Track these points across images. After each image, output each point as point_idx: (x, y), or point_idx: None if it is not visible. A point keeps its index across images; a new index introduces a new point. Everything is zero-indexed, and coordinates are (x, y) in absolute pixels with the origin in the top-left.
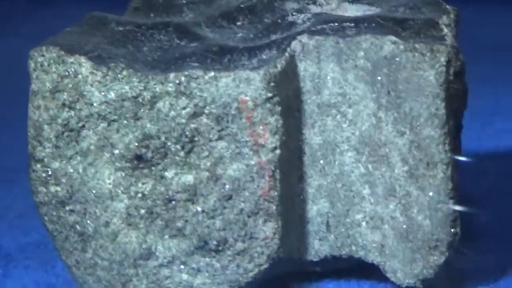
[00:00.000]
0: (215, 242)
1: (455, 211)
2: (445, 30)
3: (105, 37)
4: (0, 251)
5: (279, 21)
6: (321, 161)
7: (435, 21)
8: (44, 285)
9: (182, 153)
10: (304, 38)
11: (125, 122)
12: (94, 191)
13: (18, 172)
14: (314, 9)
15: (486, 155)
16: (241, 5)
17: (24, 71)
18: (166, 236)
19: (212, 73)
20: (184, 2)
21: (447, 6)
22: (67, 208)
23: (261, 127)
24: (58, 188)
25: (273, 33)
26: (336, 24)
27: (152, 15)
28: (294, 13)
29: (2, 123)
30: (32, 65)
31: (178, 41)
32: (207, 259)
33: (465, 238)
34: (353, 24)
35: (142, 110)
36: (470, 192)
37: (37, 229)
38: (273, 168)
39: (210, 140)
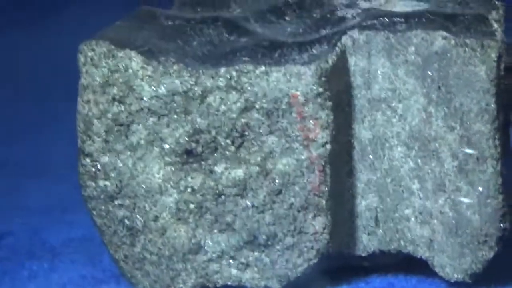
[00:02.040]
0: (264, 237)
1: (504, 206)
2: (495, 25)
3: (155, 31)
4: (45, 245)
5: (328, 16)
6: (371, 156)
7: (485, 16)
8: (91, 279)
9: (232, 148)
10: (354, 33)
11: (175, 116)
12: (143, 186)
13: (62, 168)
14: (363, 4)
15: None
16: (289, 0)
17: (58, 66)
18: (215, 231)
19: (263, 68)
20: None
21: (496, 2)
22: (116, 202)
23: (311, 121)
24: (107, 183)
25: (322, 28)
26: (386, 19)
27: (199, 9)
28: (343, 8)
29: (45, 120)
30: (81, 59)
31: (228, 36)
32: (256, 253)
33: None
34: (403, 19)
35: (192, 105)
36: None
37: (82, 223)
38: (323, 163)
39: (261, 135)
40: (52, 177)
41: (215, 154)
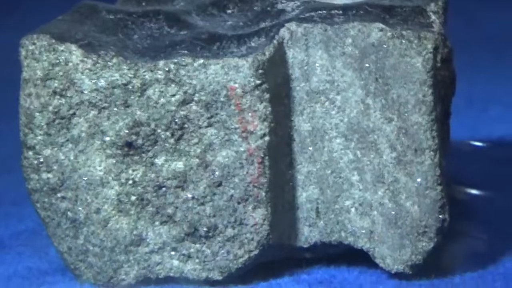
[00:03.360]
0: (205, 229)
1: (442, 197)
2: (433, 17)
3: (96, 25)
4: None
5: (269, 8)
6: (310, 148)
7: (423, 8)
8: (36, 271)
9: (172, 140)
10: (292, 25)
11: (115, 109)
12: (85, 178)
13: (12, 160)
14: None
15: (480, 141)
16: None
17: (12, 60)
18: (157, 223)
19: (201, 61)
20: None
21: None
22: (59, 195)
23: (250, 114)
24: (50, 175)
25: (262, 20)
26: (325, 11)
27: (143, 3)
28: (283, 1)
29: None
30: (23, 53)
31: (168, 29)
32: (197, 245)
33: (456, 223)
34: (341, 12)
35: (132, 98)
36: (463, 177)
37: (32, 216)
38: (262, 155)
39: (200, 127)
40: (1, 171)
41: (155, 147)
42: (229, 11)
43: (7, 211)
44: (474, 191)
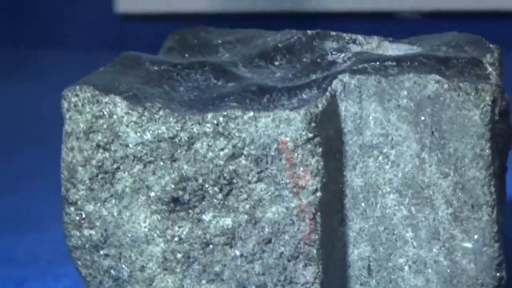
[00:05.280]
0: (254, 287)
1: (500, 254)
2: (489, 69)
3: (140, 76)
4: None
5: (319, 60)
6: (363, 204)
7: (479, 59)
8: None
9: (220, 196)
10: (345, 77)
11: (161, 163)
12: (129, 235)
13: (45, 219)
14: (354, 48)
15: None
16: (279, 45)
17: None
18: (204, 281)
19: (251, 113)
20: (220, 42)
21: (491, 45)
22: (102, 252)
23: (301, 168)
24: (92, 232)
25: (312, 72)
26: (378, 63)
27: (186, 55)
28: (334, 52)
29: (25, 171)
30: (65, 105)
31: (215, 81)
32: None
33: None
34: (395, 63)
35: (179, 151)
36: None
37: (68, 275)
38: (313, 211)
39: (249, 182)
40: (35, 229)
41: (202, 202)
42: (277, 63)
43: (43, 270)
44: None
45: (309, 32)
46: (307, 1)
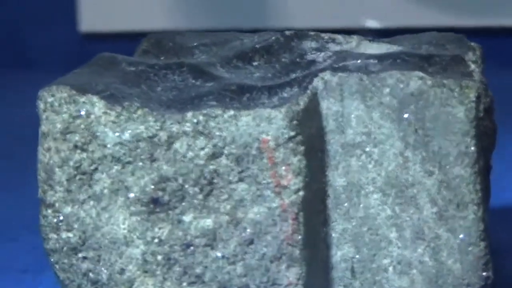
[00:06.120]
0: None
1: (486, 254)
2: (472, 66)
3: (117, 77)
4: None
5: (298, 60)
6: (346, 204)
7: (461, 57)
8: None
9: (200, 196)
10: (326, 75)
11: (140, 164)
12: (108, 237)
13: (18, 229)
14: (334, 47)
15: None
16: (257, 45)
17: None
18: (185, 284)
19: (232, 112)
20: (196, 44)
21: (472, 43)
22: (80, 255)
23: (283, 167)
24: (70, 234)
25: (292, 71)
26: (359, 60)
27: (162, 57)
28: (313, 52)
29: None
30: (41, 106)
31: (194, 81)
32: None
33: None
34: (377, 61)
35: (158, 151)
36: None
37: (44, 283)
38: (296, 211)
39: (230, 182)
40: (12, 239)
41: (182, 203)
42: (255, 63)
43: (18, 279)
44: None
45: (287, 32)
46: (274, 18)
